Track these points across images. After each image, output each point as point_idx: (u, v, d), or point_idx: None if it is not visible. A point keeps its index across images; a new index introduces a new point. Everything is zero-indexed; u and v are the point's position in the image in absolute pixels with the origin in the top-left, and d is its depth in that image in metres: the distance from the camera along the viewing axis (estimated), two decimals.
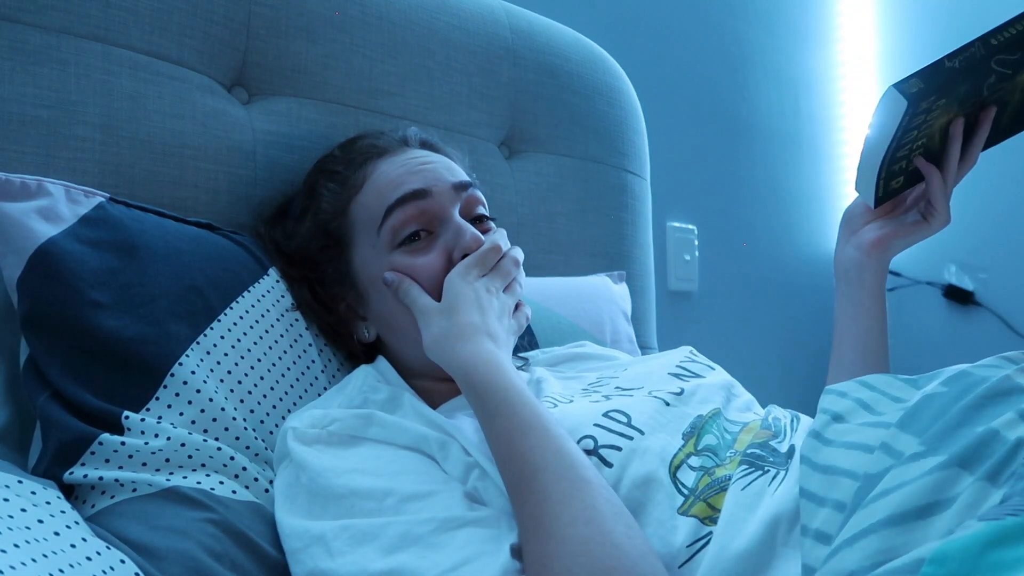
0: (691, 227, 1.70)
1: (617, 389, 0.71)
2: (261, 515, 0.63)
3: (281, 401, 0.72)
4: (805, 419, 0.66)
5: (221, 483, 0.63)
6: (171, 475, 0.61)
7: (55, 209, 0.67)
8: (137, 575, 0.52)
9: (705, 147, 1.75)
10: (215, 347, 0.69)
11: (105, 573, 0.50)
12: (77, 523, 0.54)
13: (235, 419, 0.67)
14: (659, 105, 1.51)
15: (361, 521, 0.56)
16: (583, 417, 0.62)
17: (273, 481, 0.65)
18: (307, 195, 0.80)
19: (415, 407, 0.68)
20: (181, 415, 0.64)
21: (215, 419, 0.65)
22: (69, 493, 0.60)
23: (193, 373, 0.66)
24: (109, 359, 0.64)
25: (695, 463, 0.58)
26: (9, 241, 0.65)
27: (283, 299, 0.77)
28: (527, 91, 1.13)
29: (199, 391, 0.65)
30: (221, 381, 0.68)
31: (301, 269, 0.79)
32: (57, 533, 0.51)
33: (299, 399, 0.74)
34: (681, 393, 0.67)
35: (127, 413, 0.62)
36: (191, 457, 0.62)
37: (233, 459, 0.64)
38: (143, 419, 0.62)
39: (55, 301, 0.64)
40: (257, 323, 0.74)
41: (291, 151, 0.88)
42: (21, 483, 0.54)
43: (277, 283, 0.78)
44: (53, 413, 0.62)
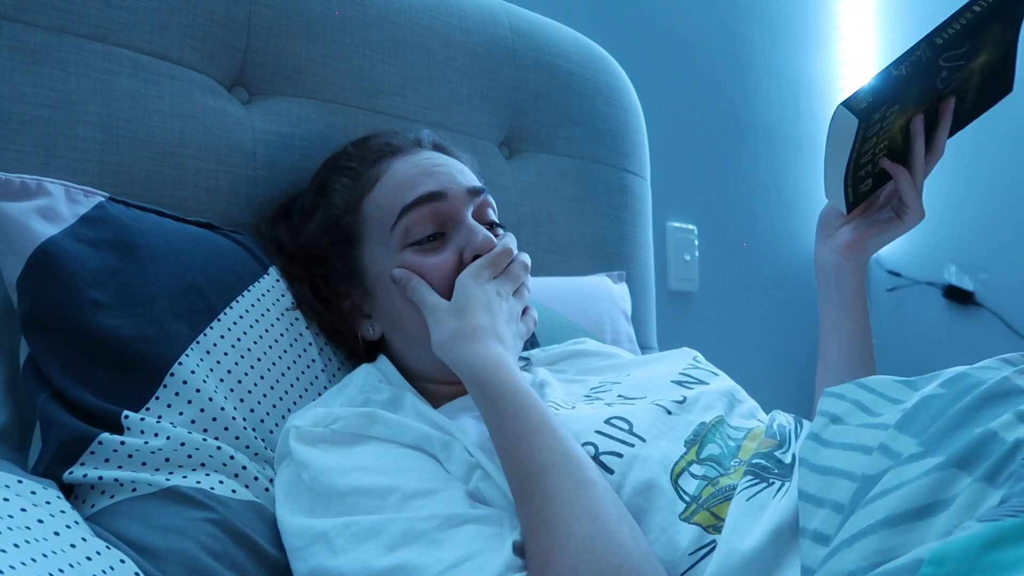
0: (691, 227, 1.70)
1: (620, 398, 0.71)
2: (261, 514, 0.63)
3: (281, 400, 0.72)
4: (809, 425, 0.65)
5: (221, 482, 0.63)
6: (171, 474, 0.61)
7: (55, 209, 0.67)
8: (137, 574, 0.52)
9: (705, 147, 1.75)
10: (215, 346, 0.69)
11: (105, 573, 0.50)
12: (77, 523, 0.54)
13: (235, 418, 0.67)
14: (659, 105, 1.51)
15: (364, 518, 0.56)
16: (585, 423, 0.62)
17: (273, 480, 0.65)
18: (317, 191, 0.80)
19: (417, 407, 0.68)
20: (181, 414, 0.64)
21: (215, 418, 0.65)
22: (69, 493, 0.60)
23: (193, 372, 0.66)
24: (109, 358, 0.64)
25: (697, 471, 0.58)
26: (9, 241, 0.65)
27: (283, 298, 0.77)
28: (527, 91, 1.13)
29: (199, 390, 0.65)
30: (221, 380, 0.68)
31: (305, 266, 0.79)
32: (57, 533, 0.51)
33: (299, 398, 0.74)
34: (683, 401, 0.67)
35: (127, 412, 0.62)
36: (191, 456, 0.62)
37: (233, 458, 0.64)
38: (143, 418, 0.62)
39: (55, 300, 0.64)
40: (257, 322, 0.74)
41: (291, 151, 0.88)
42: (21, 483, 0.54)
43: (277, 282, 0.78)
44: (53, 412, 0.62)
